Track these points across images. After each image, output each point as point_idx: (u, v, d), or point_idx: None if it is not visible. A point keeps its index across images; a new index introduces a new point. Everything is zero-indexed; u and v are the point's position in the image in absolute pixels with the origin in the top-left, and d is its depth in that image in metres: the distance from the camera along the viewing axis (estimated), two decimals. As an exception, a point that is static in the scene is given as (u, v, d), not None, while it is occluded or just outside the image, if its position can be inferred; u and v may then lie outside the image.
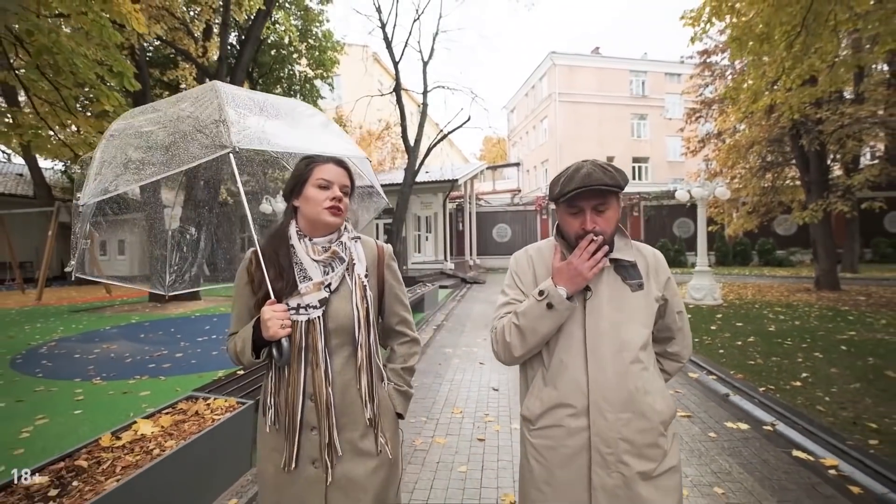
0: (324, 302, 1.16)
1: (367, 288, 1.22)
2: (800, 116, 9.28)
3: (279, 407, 1.15)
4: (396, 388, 1.29)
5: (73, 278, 1.28)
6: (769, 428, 3.25)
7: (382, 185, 1.64)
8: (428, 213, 18.75)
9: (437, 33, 16.22)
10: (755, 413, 3.52)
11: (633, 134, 29.71)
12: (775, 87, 6.62)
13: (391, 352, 1.36)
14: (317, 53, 15.76)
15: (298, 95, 15.96)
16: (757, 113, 8.31)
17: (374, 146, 26.90)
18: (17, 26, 3.75)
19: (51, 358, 5.11)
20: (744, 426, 3.33)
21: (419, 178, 16.20)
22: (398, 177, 17.01)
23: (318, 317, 1.15)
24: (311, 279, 1.16)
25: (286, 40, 14.55)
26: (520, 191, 29.43)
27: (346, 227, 1.26)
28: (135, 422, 2.28)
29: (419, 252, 18.76)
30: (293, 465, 1.12)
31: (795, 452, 2.88)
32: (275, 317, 1.09)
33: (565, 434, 1.15)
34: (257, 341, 1.13)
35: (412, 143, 15.55)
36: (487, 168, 27.00)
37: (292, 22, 14.42)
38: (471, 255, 19.45)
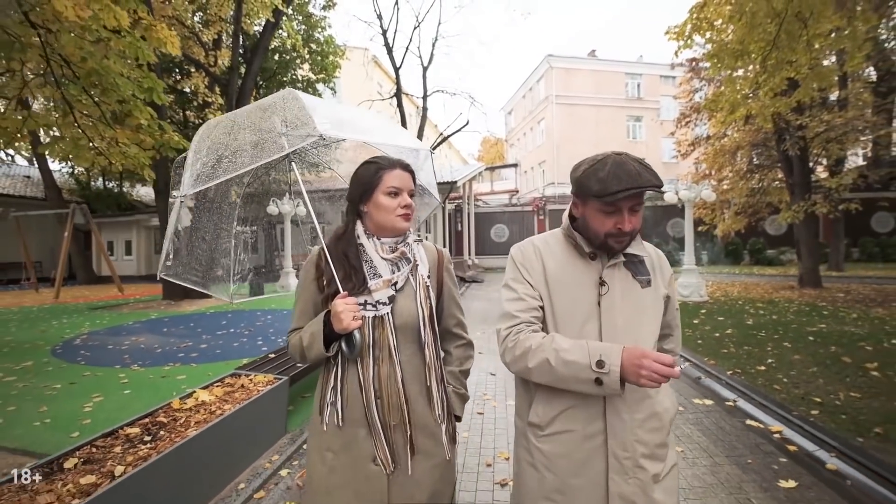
0: (392, 299, 1.19)
1: (430, 288, 1.26)
2: (778, 124, 9.82)
3: (343, 404, 1.16)
4: (455, 391, 1.32)
5: (158, 279, 1.55)
6: (730, 403, 3.74)
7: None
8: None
9: (436, 39, 16.76)
10: (720, 392, 4.01)
11: (629, 135, 30.25)
12: (756, 94, 7.14)
13: (447, 354, 1.39)
14: (319, 58, 16.22)
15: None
16: (739, 121, 8.84)
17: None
18: (43, 37, 4.18)
19: (87, 349, 5.58)
20: (709, 402, 3.83)
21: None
22: (399, 178, 17.45)
23: (388, 313, 1.18)
24: (380, 276, 1.20)
25: (288, 45, 15.01)
26: (517, 191, 29.89)
27: (409, 230, 1.30)
28: (195, 391, 2.76)
29: (419, 252, 19.23)
30: (391, 466, 1.14)
31: (748, 421, 3.38)
32: (347, 309, 1.11)
33: (580, 439, 1.11)
34: (328, 336, 1.15)
35: (412, 146, 16.04)
36: (486, 169, 27.49)
37: (295, 27, 14.87)
38: (469, 254, 19.91)
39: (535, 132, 32.36)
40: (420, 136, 16.05)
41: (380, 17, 15.89)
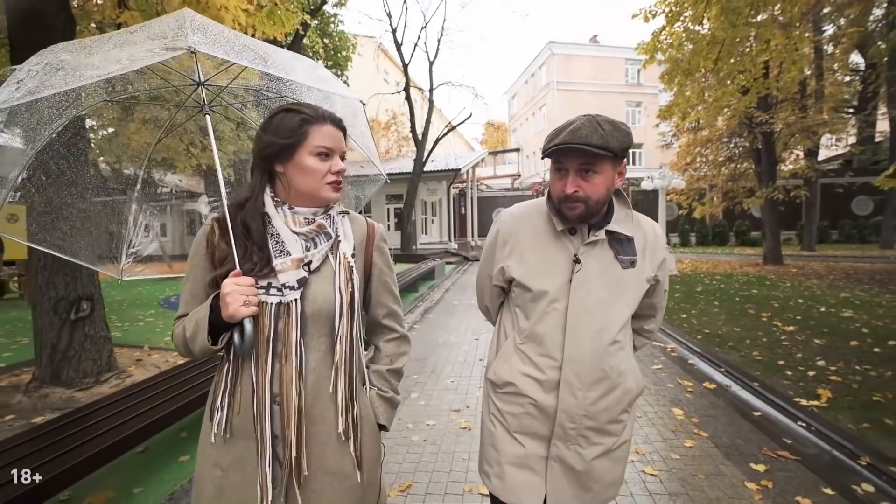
0: (302, 283, 0.97)
1: (354, 270, 1.02)
2: (742, 121, 11.25)
3: (233, 410, 0.95)
4: (380, 394, 1.11)
5: None
6: (650, 336, 5.41)
7: (392, 174, 1.77)
8: (434, 199, 20.89)
9: (441, 35, 18.02)
10: (647, 330, 5.68)
11: (629, 121, 31.24)
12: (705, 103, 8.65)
13: (376, 350, 1.17)
14: (332, 52, 17.55)
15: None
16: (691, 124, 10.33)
17: (382, 135, 28.99)
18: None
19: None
20: (635, 335, 5.50)
21: (426, 168, 18.19)
22: (406, 165, 19.11)
23: (295, 300, 0.95)
24: (289, 254, 0.97)
25: (306, 42, 16.36)
26: (519, 175, 31.21)
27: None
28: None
29: (426, 234, 21.00)
30: (269, 494, 0.92)
31: (655, 343, 5.05)
32: (236, 290, 0.89)
33: (531, 405, 1.13)
34: (215, 324, 0.92)
35: (420, 136, 17.54)
36: (489, 154, 28.87)
37: (312, 26, 16.18)
38: (472, 236, 21.52)
39: (536, 117, 33.51)
40: (427, 127, 17.51)
41: (389, 15, 17.14)
